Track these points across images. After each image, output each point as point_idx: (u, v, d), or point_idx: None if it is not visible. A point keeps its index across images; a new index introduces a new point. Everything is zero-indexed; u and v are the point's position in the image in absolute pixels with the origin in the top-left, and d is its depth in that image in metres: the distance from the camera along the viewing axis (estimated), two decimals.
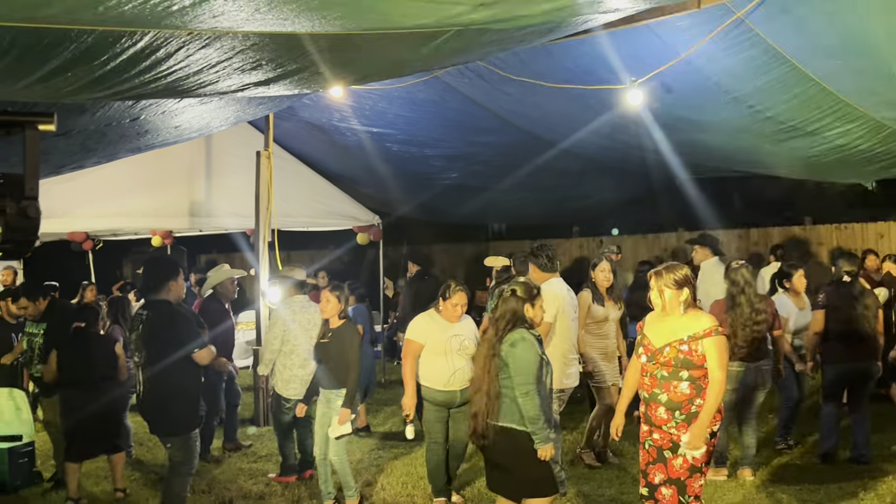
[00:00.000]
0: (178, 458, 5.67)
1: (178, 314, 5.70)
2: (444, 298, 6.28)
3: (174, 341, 5.52)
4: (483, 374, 4.95)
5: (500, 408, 4.87)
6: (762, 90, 7.32)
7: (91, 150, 7.01)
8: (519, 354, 4.87)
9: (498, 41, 5.44)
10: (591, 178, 12.19)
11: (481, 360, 5.02)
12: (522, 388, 4.81)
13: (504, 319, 4.98)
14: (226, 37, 4.12)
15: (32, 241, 2.03)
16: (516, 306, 5.00)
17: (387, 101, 9.29)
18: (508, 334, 4.92)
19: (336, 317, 6.51)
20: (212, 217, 12.10)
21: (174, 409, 5.58)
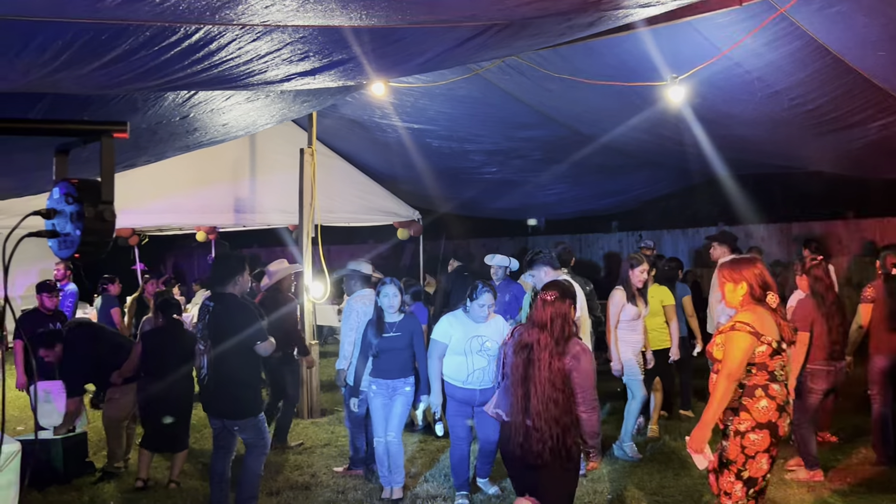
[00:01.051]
0: (250, 439, 5.98)
1: (243, 306, 5.94)
2: (472, 299, 6.30)
3: (237, 332, 5.79)
4: (549, 387, 4.61)
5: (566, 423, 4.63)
6: (804, 83, 7.32)
7: (142, 149, 7.18)
8: (583, 367, 4.65)
9: (539, 34, 5.50)
10: (631, 172, 12.20)
11: (542, 373, 4.64)
12: (588, 403, 4.63)
13: (559, 327, 4.70)
14: (276, 30, 4.23)
15: (108, 243, 2.14)
16: (566, 310, 4.76)
17: (428, 98, 9.39)
18: (568, 344, 4.68)
19: (398, 310, 6.69)
20: (256, 213, 12.33)
21: (237, 395, 5.86)
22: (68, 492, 7.09)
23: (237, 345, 5.78)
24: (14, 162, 6.42)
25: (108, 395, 7.63)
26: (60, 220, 2.14)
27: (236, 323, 5.80)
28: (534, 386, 4.64)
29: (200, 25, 3.87)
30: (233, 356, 5.80)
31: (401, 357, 6.65)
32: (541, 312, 4.75)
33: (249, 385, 5.97)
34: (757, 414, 4.44)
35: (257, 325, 5.87)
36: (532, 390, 4.64)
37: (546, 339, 4.67)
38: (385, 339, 6.62)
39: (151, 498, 6.89)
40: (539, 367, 4.63)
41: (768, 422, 4.45)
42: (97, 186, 2.11)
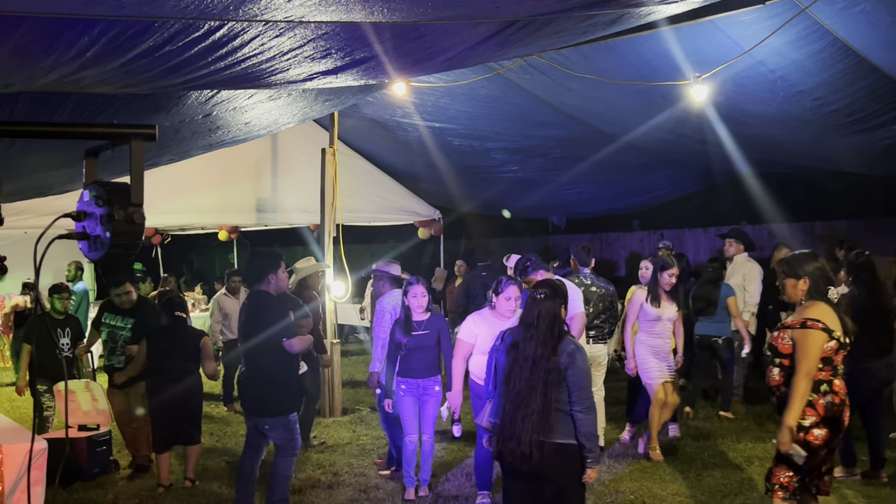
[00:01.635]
0: (280, 439, 5.97)
1: (271, 303, 5.97)
2: (497, 293, 6.20)
3: (266, 328, 5.83)
4: (527, 388, 4.42)
5: (555, 424, 4.42)
6: (828, 83, 7.28)
7: (165, 148, 7.23)
8: (578, 366, 4.44)
9: (561, 31, 5.48)
10: (653, 171, 12.16)
11: (523, 371, 4.48)
12: (583, 402, 4.42)
13: (547, 325, 4.49)
14: (299, 26, 4.25)
15: (138, 245, 2.16)
16: (556, 309, 4.55)
17: (449, 98, 9.41)
18: (560, 343, 4.48)
19: (424, 310, 6.69)
20: (278, 213, 12.39)
21: (267, 392, 5.88)
22: (93, 489, 7.15)
23: (266, 341, 5.81)
24: (40, 161, 6.49)
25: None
26: (90, 222, 2.17)
27: (265, 319, 5.84)
28: (515, 386, 4.48)
29: (224, 21, 3.88)
30: (262, 353, 5.85)
31: (429, 356, 6.67)
32: (529, 311, 4.59)
33: (280, 383, 5.93)
34: (822, 409, 4.44)
35: (285, 322, 5.91)
36: (514, 391, 4.48)
37: (532, 339, 4.49)
38: (414, 338, 6.62)
39: (175, 497, 6.94)
40: (522, 367, 4.47)
41: (832, 417, 4.46)
42: (127, 189, 2.13)
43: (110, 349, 7.81)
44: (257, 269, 6.06)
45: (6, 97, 4.73)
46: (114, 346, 7.76)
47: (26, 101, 4.85)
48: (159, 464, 7.21)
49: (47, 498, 5.96)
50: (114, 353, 7.76)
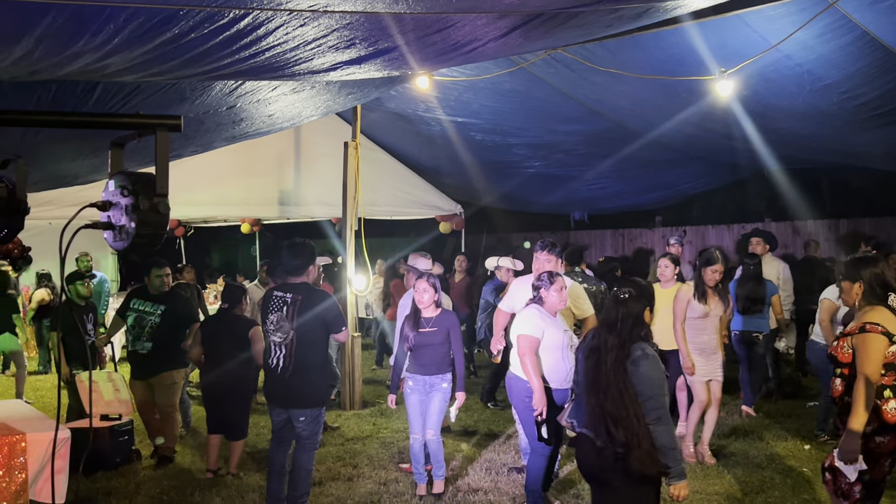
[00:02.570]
0: (307, 432, 5.97)
1: (324, 295, 6.03)
2: (548, 286, 5.93)
3: (322, 320, 5.86)
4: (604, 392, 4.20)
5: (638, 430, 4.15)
6: (855, 76, 7.22)
7: (189, 139, 7.27)
8: (641, 373, 4.16)
9: (586, 25, 5.46)
10: (677, 167, 12.09)
11: (600, 375, 4.25)
12: (652, 413, 4.11)
13: (629, 328, 4.26)
14: (323, 16, 4.25)
15: (163, 236, 2.16)
16: (640, 311, 4.31)
17: (472, 92, 9.39)
18: (632, 347, 4.23)
19: (434, 306, 6.55)
20: (300, 206, 12.45)
21: (314, 383, 5.93)
22: (115, 478, 7.20)
23: (319, 333, 5.88)
24: (65, 151, 6.54)
25: (173, 379, 7.81)
26: (115, 212, 2.17)
27: (322, 311, 5.86)
28: (598, 392, 4.21)
29: (249, 10, 3.89)
30: (314, 345, 5.90)
31: (437, 353, 6.54)
32: (611, 312, 4.33)
33: (321, 374, 6.05)
34: (885, 416, 4.31)
35: (339, 313, 5.99)
36: (597, 397, 4.22)
37: (613, 341, 4.24)
38: (420, 335, 6.52)
39: (198, 486, 6.98)
40: (604, 371, 4.20)
41: (895, 424, 4.33)
42: (152, 179, 2.13)
43: (136, 334, 7.74)
44: (298, 262, 6.02)
45: (32, 86, 4.76)
46: (140, 331, 7.71)
47: (52, 90, 4.89)
48: (209, 448, 7.34)
49: (70, 486, 6.01)
50: (139, 339, 7.70)
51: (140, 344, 7.69)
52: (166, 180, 2.17)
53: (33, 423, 5.93)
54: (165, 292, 7.90)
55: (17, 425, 5.80)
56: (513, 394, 6.06)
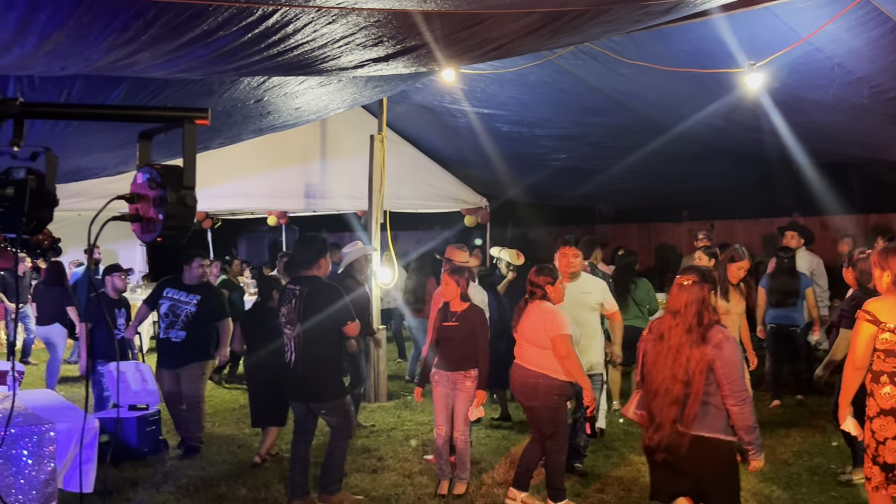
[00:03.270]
0: (335, 422, 6.02)
1: (331, 288, 6.04)
2: (553, 282, 5.97)
3: (328, 314, 5.85)
4: (670, 379, 4.25)
5: (701, 416, 4.22)
6: (887, 70, 7.12)
7: (217, 132, 7.31)
8: (727, 357, 4.21)
9: (614, 21, 5.43)
10: (705, 161, 11.99)
11: (667, 361, 4.30)
12: (737, 395, 4.18)
13: (694, 313, 4.28)
14: (351, 13, 4.25)
15: (190, 228, 2.17)
16: (705, 296, 4.33)
17: (498, 84, 9.36)
18: (709, 332, 4.26)
19: (458, 300, 6.44)
20: (326, 198, 12.48)
21: (327, 377, 5.93)
22: (142, 468, 7.27)
23: (328, 326, 5.86)
24: (93, 143, 6.59)
25: (201, 370, 7.90)
26: (143, 204, 2.19)
27: (326, 304, 5.86)
28: (659, 377, 4.32)
29: (277, 7, 3.90)
30: (323, 338, 5.88)
31: (459, 349, 6.36)
32: (675, 298, 4.36)
33: (336, 367, 6.05)
34: (881, 400, 4.50)
35: (345, 306, 5.94)
36: (657, 382, 4.32)
37: (679, 327, 4.29)
38: (444, 328, 6.45)
39: (224, 477, 7.03)
40: (666, 357, 4.28)
41: (892, 408, 4.50)
42: (180, 172, 2.14)
43: (170, 322, 7.76)
44: (307, 255, 6.06)
45: (61, 80, 4.80)
46: (175, 319, 7.73)
47: (81, 83, 4.92)
48: (266, 436, 7.48)
49: (98, 476, 6.08)
50: (173, 327, 7.73)
51: (173, 332, 7.73)
52: (193, 173, 2.18)
53: (62, 413, 6.00)
54: (201, 283, 7.96)
55: (47, 415, 5.87)
56: (538, 394, 5.91)
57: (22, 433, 5.50)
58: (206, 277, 8.09)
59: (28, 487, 5.47)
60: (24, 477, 5.46)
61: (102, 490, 6.49)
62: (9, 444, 5.41)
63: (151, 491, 6.68)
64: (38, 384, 10.88)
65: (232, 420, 9.17)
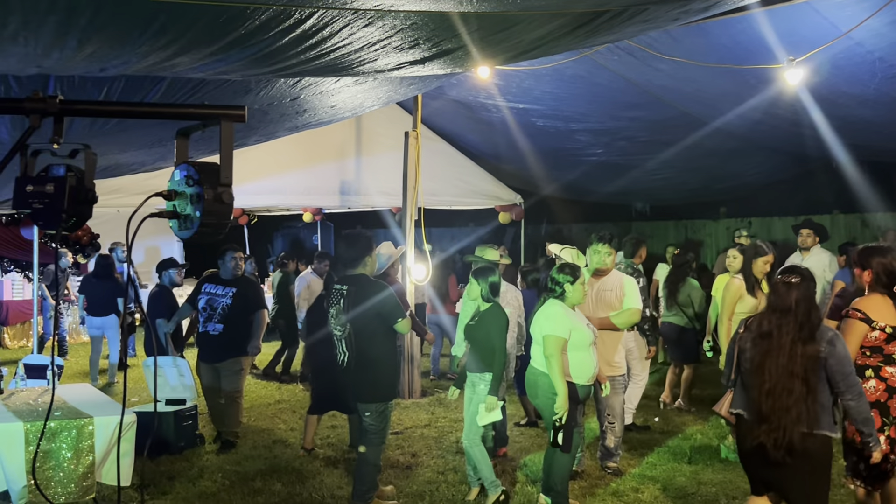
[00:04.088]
0: (374, 427, 5.84)
1: (380, 286, 5.88)
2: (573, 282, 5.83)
3: (378, 311, 5.73)
4: (786, 378, 4.27)
5: (819, 414, 4.28)
6: None
7: (253, 129, 7.37)
8: (840, 353, 4.27)
9: (652, 19, 5.38)
10: (742, 156, 11.85)
11: (780, 360, 4.31)
12: (853, 389, 4.26)
13: (804, 311, 4.33)
14: (388, 16, 4.25)
15: (227, 225, 2.18)
16: (811, 294, 4.41)
17: (533, 79, 9.32)
18: (819, 329, 4.33)
19: (481, 300, 6.37)
20: (361, 195, 12.52)
21: (380, 377, 5.79)
22: (179, 462, 7.34)
23: (378, 325, 5.73)
24: (131, 139, 6.66)
25: (240, 365, 7.97)
26: (181, 201, 2.19)
27: (377, 302, 5.72)
28: (769, 375, 4.33)
29: (314, 10, 3.91)
30: (374, 337, 5.75)
31: (477, 350, 6.27)
32: (784, 297, 4.39)
33: (389, 366, 5.88)
34: (866, 393, 4.55)
35: (396, 304, 5.80)
36: (770, 382, 4.32)
37: (790, 325, 4.33)
38: (468, 328, 6.42)
39: (263, 472, 7.08)
40: (778, 355, 4.31)
41: (876, 401, 4.76)
42: (216, 169, 2.15)
43: (207, 316, 7.86)
44: (355, 253, 5.92)
45: (102, 78, 4.85)
46: (212, 312, 7.83)
47: (120, 81, 4.97)
48: (307, 426, 7.59)
49: (135, 469, 6.16)
50: (210, 321, 7.83)
51: (211, 325, 7.82)
52: (230, 170, 2.18)
53: (101, 407, 6.08)
54: (237, 277, 8.03)
55: (85, 409, 5.95)
56: (538, 393, 5.85)
57: (61, 427, 5.59)
58: (241, 270, 8.14)
59: (67, 480, 5.55)
60: (63, 470, 5.55)
61: (140, 483, 6.57)
62: (48, 437, 5.50)
63: (188, 485, 6.74)
64: (76, 379, 11.05)
65: (268, 415, 9.23)
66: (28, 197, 2.14)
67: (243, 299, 7.86)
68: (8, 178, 2.11)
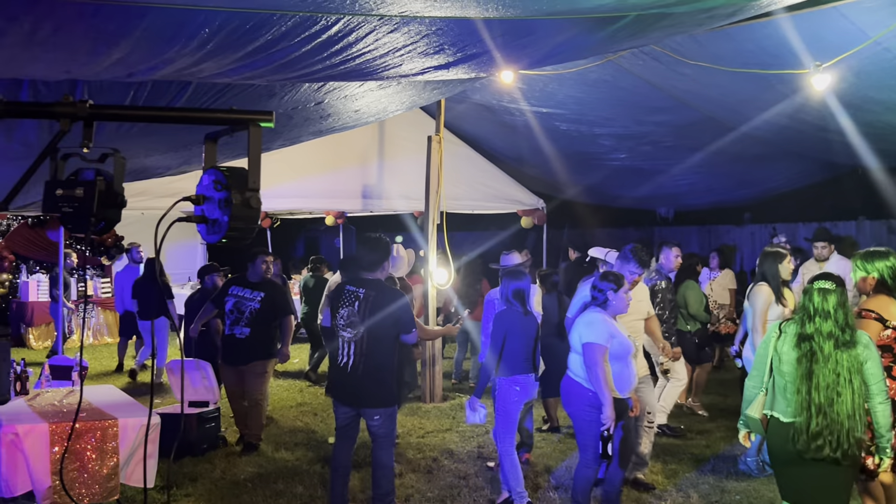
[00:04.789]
0: (383, 431, 5.79)
1: (398, 293, 5.85)
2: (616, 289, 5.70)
3: (392, 319, 5.68)
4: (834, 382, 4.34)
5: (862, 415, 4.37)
6: None
7: (277, 134, 7.39)
8: (875, 356, 4.41)
9: (677, 24, 5.36)
10: (768, 161, 11.77)
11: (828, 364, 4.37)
12: (884, 392, 4.39)
13: (843, 316, 4.43)
14: (413, 22, 4.26)
15: (254, 229, 2.19)
16: (845, 299, 4.51)
17: (557, 83, 9.30)
18: (855, 334, 4.43)
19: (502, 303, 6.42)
20: (383, 199, 12.54)
21: (384, 383, 5.74)
22: (201, 464, 7.37)
23: (390, 331, 5.68)
24: (158, 143, 6.71)
25: (264, 368, 7.99)
26: (209, 205, 2.21)
27: (392, 310, 5.67)
28: (814, 381, 4.38)
29: (340, 16, 3.92)
30: (384, 343, 5.70)
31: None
32: (821, 304, 4.47)
33: (391, 373, 5.81)
34: None
35: (410, 313, 5.76)
36: (820, 386, 4.37)
37: (830, 331, 4.41)
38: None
39: (285, 475, 7.10)
40: (826, 360, 4.37)
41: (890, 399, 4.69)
42: (244, 174, 2.16)
43: (234, 319, 7.87)
44: (373, 257, 5.86)
45: (129, 83, 4.89)
46: (239, 316, 7.85)
47: (147, 86, 5.01)
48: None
49: (158, 471, 6.19)
50: (237, 324, 7.84)
51: (238, 328, 7.83)
52: (258, 175, 2.19)
53: (125, 409, 6.12)
54: (265, 280, 8.07)
55: (110, 410, 6.00)
56: (571, 401, 5.75)
57: (86, 428, 5.63)
58: (270, 274, 8.18)
59: (91, 481, 5.60)
60: (88, 471, 5.59)
61: (163, 485, 6.61)
62: (73, 438, 5.54)
63: (210, 486, 6.78)
64: (100, 380, 11.13)
65: (290, 417, 9.26)
66: (58, 201, 2.16)
67: (271, 304, 7.88)
68: (36, 181, 2.12)
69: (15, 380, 6.53)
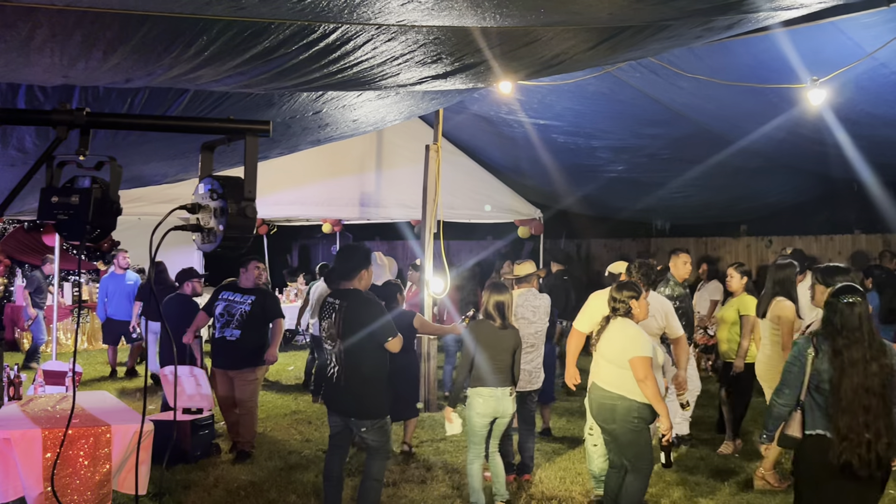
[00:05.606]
0: (374, 443, 5.75)
1: (372, 302, 5.79)
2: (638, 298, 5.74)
3: (367, 328, 5.62)
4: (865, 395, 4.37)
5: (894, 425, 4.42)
6: None
7: (276, 142, 7.40)
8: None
9: (675, 37, 5.37)
10: (764, 175, 11.79)
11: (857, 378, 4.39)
12: None
13: (869, 328, 4.47)
14: (411, 31, 4.27)
15: (249, 239, 2.19)
16: (868, 311, 4.55)
17: (555, 95, 9.31)
18: (881, 341, 4.49)
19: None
20: (380, 207, 12.54)
21: (367, 393, 5.67)
22: (194, 471, 7.35)
23: (368, 341, 5.59)
24: (154, 151, 6.70)
25: (255, 375, 7.99)
26: (204, 214, 2.21)
27: (366, 318, 5.62)
28: (845, 394, 4.41)
29: (338, 24, 3.93)
30: (363, 353, 5.62)
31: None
32: (849, 317, 4.49)
33: (378, 384, 5.73)
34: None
35: (387, 321, 5.69)
36: (850, 399, 4.39)
37: (859, 343, 4.44)
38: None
39: (278, 483, 7.08)
40: (854, 374, 4.40)
41: None
42: (240, 184, 2.16)
43: (225, 322, 7.87)
44: (350, 266, 5.82)
45: (126, 90, 4.89)
46: (230, 318, 7.85)
47: (144, 94, 5.01)
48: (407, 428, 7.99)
49: (151, 478, 6.17)
50: (228, 326, 7.85)
51: (228, 331, 7.83)
52: (254, 184, 2.19)
53: (118, 415, 6.10)
54: (256, 286, 8.09)
55: (103, 417, 5.98)
56: (615, 417, 5.66)
57: (79, 434, 5.61)
58: (262, 280, 8.19)
59: (83, 488, 5.57)
60: (80, 477, 5.57)
61: (156, 492, 6.59)
62: (66, 444, 5.52)
63: (203, 494, 6.75)
64: (93, 386, 11.09)
65: (283, 426, 9.24)
66: (53, 208, 2.16)
67: (262, 307, 7.90)
68: (32, 186, 2.12)
69: (8, 385, 6.51)
